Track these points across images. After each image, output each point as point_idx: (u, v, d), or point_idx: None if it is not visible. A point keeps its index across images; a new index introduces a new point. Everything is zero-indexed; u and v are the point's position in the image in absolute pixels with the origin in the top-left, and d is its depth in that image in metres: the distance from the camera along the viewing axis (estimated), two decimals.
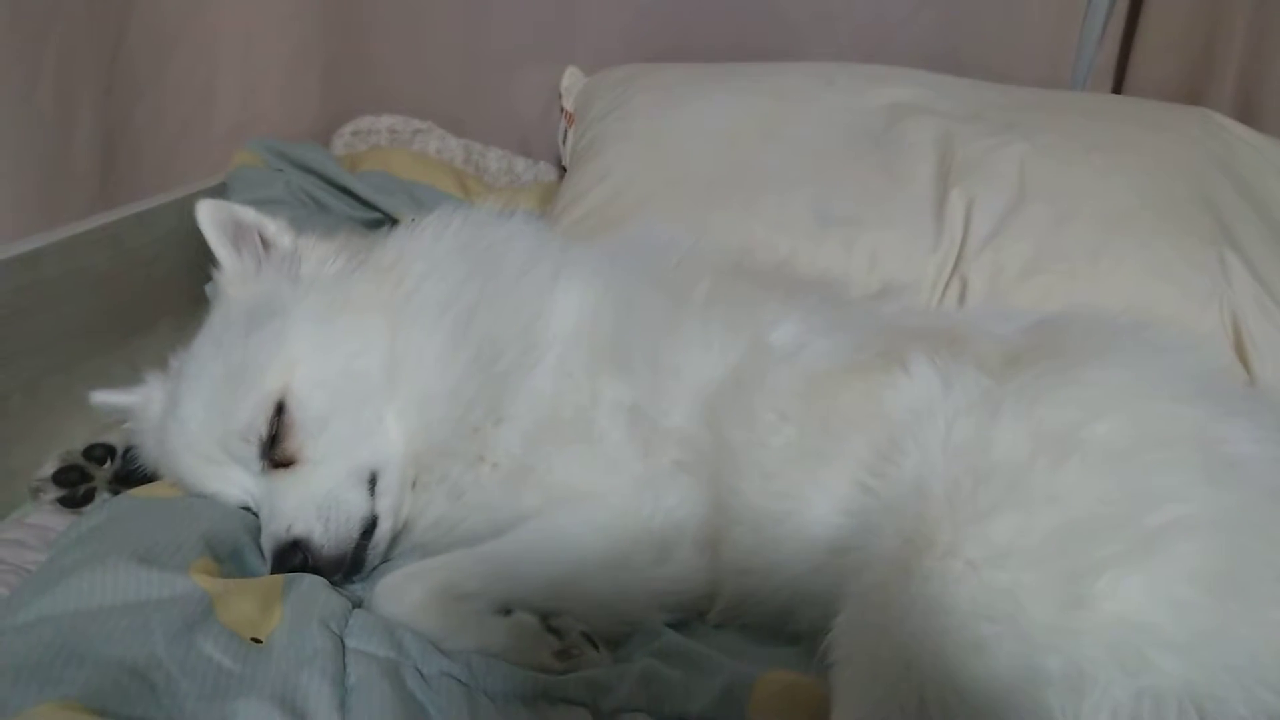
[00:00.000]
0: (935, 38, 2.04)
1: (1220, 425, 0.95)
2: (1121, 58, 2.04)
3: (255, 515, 1.14)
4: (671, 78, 1.90)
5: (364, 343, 1.15)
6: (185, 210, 1.32)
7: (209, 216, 1.22)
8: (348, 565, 1.10)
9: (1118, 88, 2.04)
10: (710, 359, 1.17)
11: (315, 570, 1.06)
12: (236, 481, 1.14)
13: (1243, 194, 1.55)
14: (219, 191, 1.77)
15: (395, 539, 1.17)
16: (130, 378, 1.29)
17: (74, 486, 1.23)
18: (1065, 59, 2.03)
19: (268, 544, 1.09)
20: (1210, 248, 1.46)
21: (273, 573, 1.06)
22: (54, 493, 1.22)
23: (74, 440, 1.29)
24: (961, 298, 1.50)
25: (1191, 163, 1.58)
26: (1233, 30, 1.89)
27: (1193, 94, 1.92)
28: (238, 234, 1.22)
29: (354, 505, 1.11)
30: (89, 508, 1.21)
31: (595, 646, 1.01)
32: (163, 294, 1.61)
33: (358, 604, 1.03)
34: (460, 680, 0.91)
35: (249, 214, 1.23)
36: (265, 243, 1.22)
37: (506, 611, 1.03)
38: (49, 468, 1.24)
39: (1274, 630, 0.83)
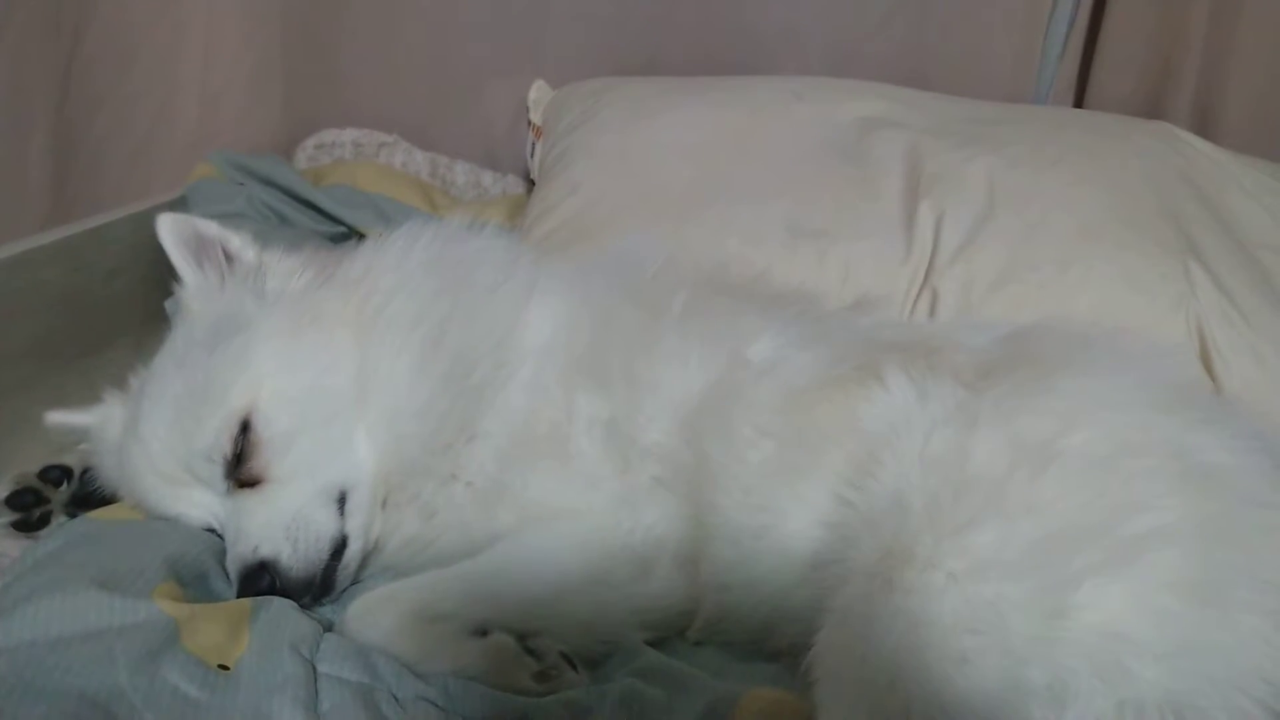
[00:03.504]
0: (900, 54, 2.06)
1: (1195, 434, 0.95)
2: (1082, 73, 2.07)
3: (220, 537, 1.11)
4: (641, 91, 1.90)
5: (332, 359, 1.13)
6: (144, 224, 1.29)
7: (170, 231, 1.19)
8: (317, 587, 1.08)
9: (1079, 103, 2.08)
10: (688, 374, 1.16)
11: (283, 592, 1.03)
12: (200, 503, 1.10)
13: (1205, 206, 1.58)
14: (179, 205, 1.73)
15: (366, 559, 1.14)
16: (88, 397, 1.25)
17: (29, 510, 1.19)
18: (1028, 75, 2.06)
19: (234, 566, 1.06)
20: (1176, 259, 1.47)
21: (239, 596, 1.03)
22: (7, 516, 1.18)
23: (28, 462, 1.25)
24: (933, 309, 1.50)
25: (1155, 175, 1.60)
26: (1190, 47, 1.93)
27: (1152, 109, 1.96)
28: (200, 248, 1.19)
29: (323, 525, 1.09)
30: (44, 532, 1.17)
31: (574, 667, 0.99)
32: (121, 311, 1.57)
33: (328, 627, 1.00)
34: (437, 705, 0.88)
35: (212, 228, 1.20)
36: (229, 257, 1.19)
37: (483, 633, 1.01)
38: (2, 490, 1.20)
39: (1252, 638, 0.84)
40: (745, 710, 0.93)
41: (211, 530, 1.12)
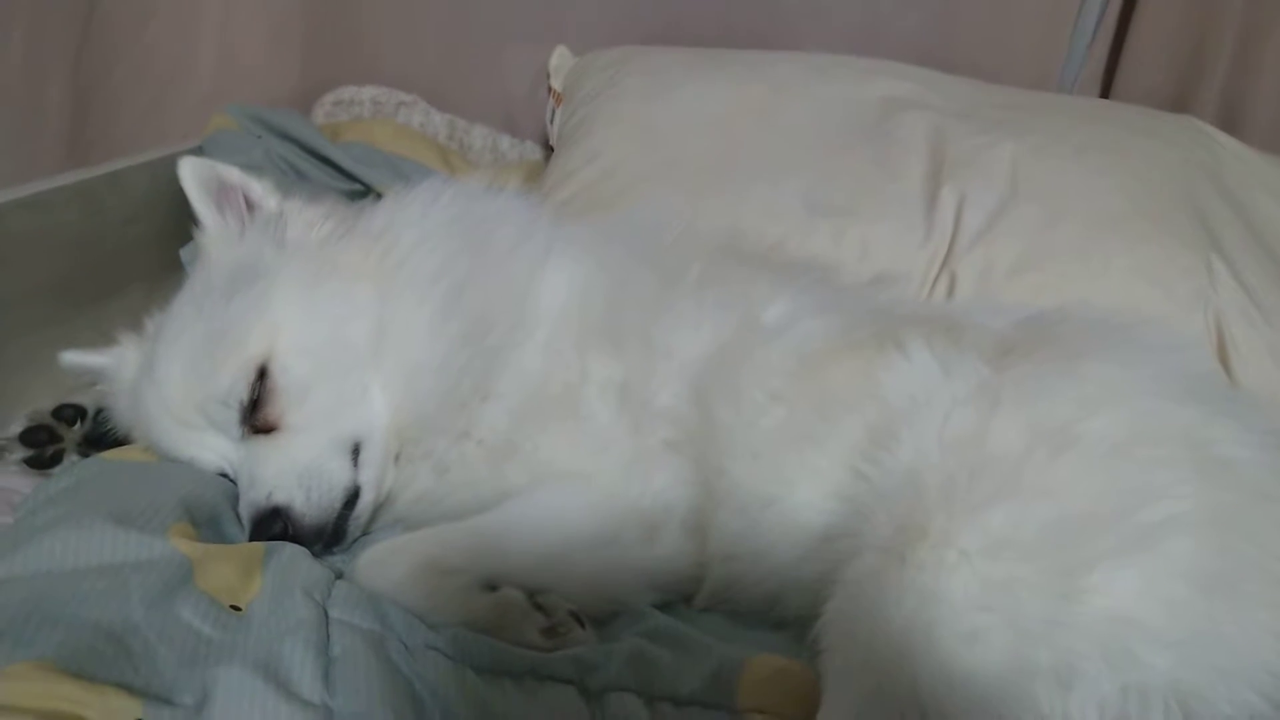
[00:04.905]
0: (926, 35, 2.05)
1: (1212, 426, 0.95)
2: (1109, 66, 2.06)
3: (233, 482, 1.11)
4: (664, 61, 1.88)
5: (350, 310, 1.13)
6: (161, 172, 1.28)
7: (192, 174, 1.18)
8: (329, 535, 1.08)
9: (1105, 93, 2.06)
10: (702, 339, 1.16)
11: (295, 539, 1.03)
12: (214, 447, 1.10)
13: (1228, 202, 1.57)
14: (196, 155, 1.71)
15: (377, 512, 1.14)
16: (99, 341, 1.25)
17: (42, 447, 1.19)
18: (1054, 64, 2.05)
19: (247, 511, 1.06)
20: (1197, 253, 1.47)
21: (251, 540, 1.03)
22: (20, 453, 1.18)
23: (37, 402, 1.24)
24: (950, 293, 1.50)
25: (1179, 169, 1.60)
26: (1220, 42, 1.92)
27: (1178, 103, 1.95)
28: (221, 194, 1.19)
29: (336, 475, 1.09)
30: (57, 469, 1.17)
31: (582, 625, 0.99)
32: (136, 257, 1.56)
33: (338, 576, 1.00)
34: (446, 654, 0.88)
35: (234, 174, 1.20)
36: (250, 204, 1.19)
37: (493, 588, 1.01)
38: (16, 427, 1.20)
39: (1260, 631, 0.84)
40: (751, 676, 0.93)
41: (224, 475, 1.12)
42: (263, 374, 1.07)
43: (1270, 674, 0.83)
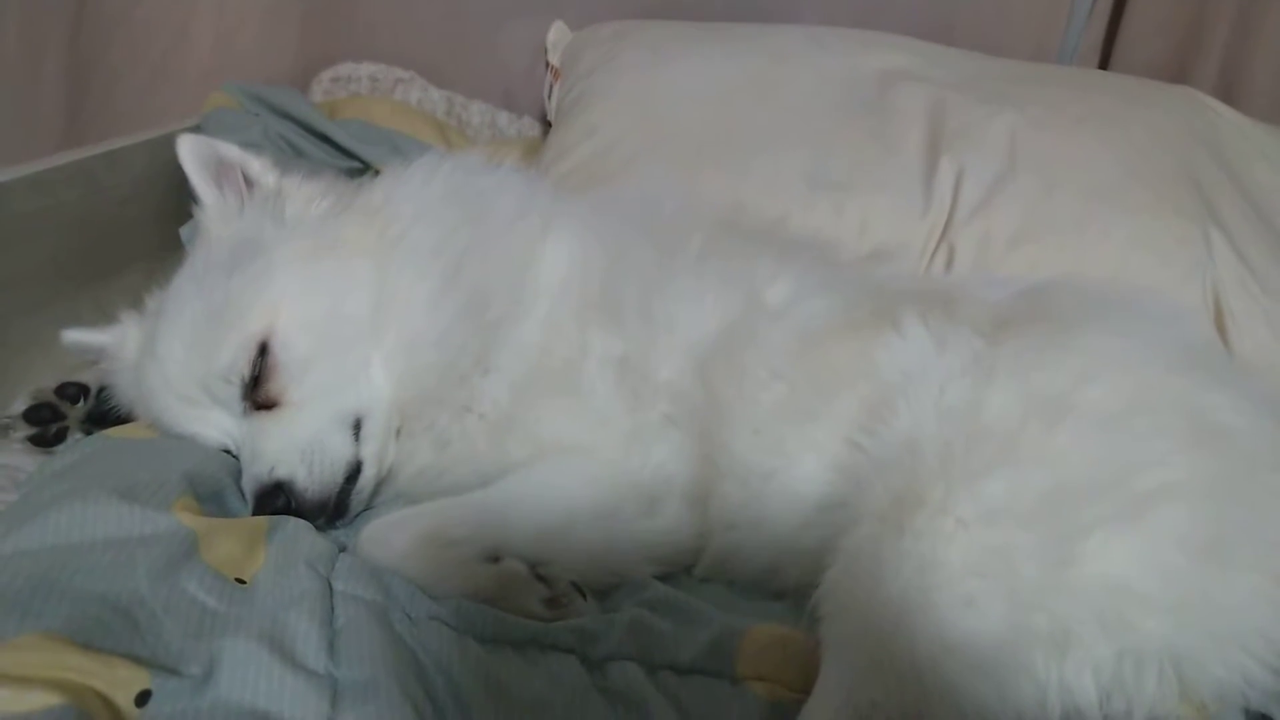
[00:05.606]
0: (925, 7, 2.04)
1: (1208, 395, 0.96)
2: (1108, 37, 2.05)
3: (235, 458, 1.12)
4: (662, 35, 1.88)
5: (350, 285, 1.13)
6: (159, 151, 1.27)
7: (191, 152, 1.18)
8: (331, 510, 1.08)
9: (1104, 65, 2.06)
10: (703, 313, 1.16)
11: (298, 513, 1.04)
12: (216, 423, 1.11)
13: (1227, 173, 1.57)
14: (194, 133, 1.71)
15: (379, 486, 1.15)
16: (99, 320, 1.25)
17: (45, 425, 1.20)
18: (1053, 35, 2.04)
19: (249, 485, 1.07)
20: (1195, 224, 1.47)
21: (254, 514, 1.04)
22: (24, 430, 1.19)
23: (38, 382, 1.25)
24: (949, 264, 1.51)
25: (1178, 140, 1.60)
26: (1219, 13, 1.91)
27: (1178, 75, 1.95)
28: (220, 171, 1.19)
29: (338, 450, 1.09)
30: (61, 448, 1.18)
31: (584, 596, 1.00)
32: (135, 236, 1.56)
33: (341, 549, 1.01)
34: (449, 624, 0.89)
35: (232, 151, 1.19)
36: (249, 181, 1.19)
37: (495, 559, 1.02)
38: (19, 405, 1.21)
39: (1253, 596, 0.85)
40: (750, 644, 0.94)
41: (227, 451, 1.12)
42: (264, 350, 1.08)
43: (1265, 638, 0.84)
